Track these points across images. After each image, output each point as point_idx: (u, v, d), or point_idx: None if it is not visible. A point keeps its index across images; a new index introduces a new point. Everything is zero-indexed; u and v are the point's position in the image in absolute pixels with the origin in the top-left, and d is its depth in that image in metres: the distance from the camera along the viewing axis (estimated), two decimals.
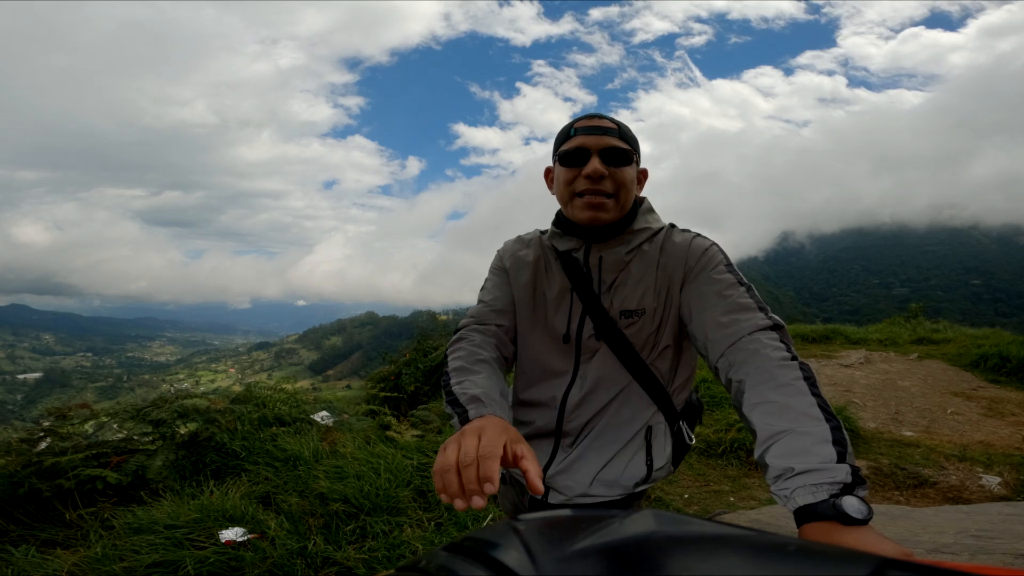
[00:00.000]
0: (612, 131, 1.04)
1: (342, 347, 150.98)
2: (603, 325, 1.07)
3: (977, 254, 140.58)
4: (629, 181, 1.05)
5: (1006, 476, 3.45)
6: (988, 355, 6.60)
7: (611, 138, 1.03)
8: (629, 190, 1.05)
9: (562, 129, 1.11)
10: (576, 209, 1.05)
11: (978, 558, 1.09)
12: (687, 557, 0.30)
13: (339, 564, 2.10)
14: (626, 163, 1.04)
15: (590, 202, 1.02)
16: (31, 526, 2.55)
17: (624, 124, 1.07)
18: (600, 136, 1.03)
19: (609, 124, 1.05)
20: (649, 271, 1.07)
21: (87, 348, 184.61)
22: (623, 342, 1.07)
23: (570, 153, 1.04)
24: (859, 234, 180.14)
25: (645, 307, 1.06)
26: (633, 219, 1.09)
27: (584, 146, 1.03)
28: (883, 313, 20.71)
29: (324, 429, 3.69)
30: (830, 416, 0.76)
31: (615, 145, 1.03)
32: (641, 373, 1.08)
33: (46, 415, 3.32)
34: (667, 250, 1.07)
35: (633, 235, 1.08)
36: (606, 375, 1.08)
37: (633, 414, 1.09)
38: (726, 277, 1.01)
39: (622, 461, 1.08)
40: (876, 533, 0.64)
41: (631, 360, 1.08)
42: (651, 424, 1.10)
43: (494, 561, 0.32)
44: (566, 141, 1.06)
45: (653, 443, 1.10)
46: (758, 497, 3.21)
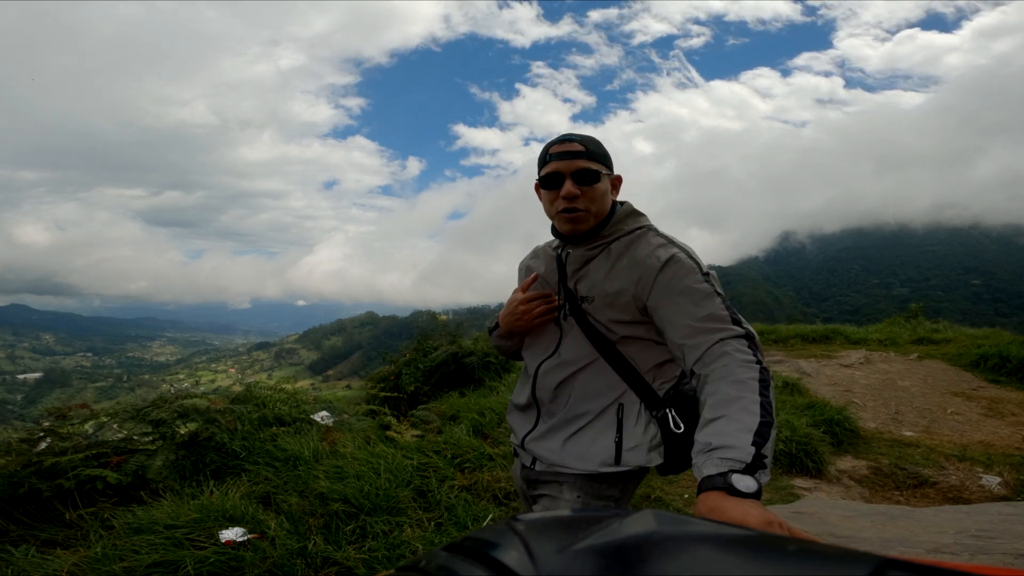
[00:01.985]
0: (581, 154, 1.22)
1: (342, 347, 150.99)
2: (570, 305, 1.29)
3: (977, 254, 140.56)
4: (600, 195, 1.23)
5: (1006, 476, 3.45)
6: (988, 355, 6.60)
7: (581, 161, 1.21)
8: (602, 202, 1.24)
9: (540, 154, 1.30)
10: (559, 223, 1.27)
11: (978, 558, 1.09)
12: (687, 557, 0.30)
13: (339, 564, 2.10)
14: (595, 181, 1.22)
15: (568, 217, 1.23)
16: (31, 526, 2.55)
17: (593, 141, 1.25)
18: (571, 160, 1.21)
19: (578, 147, 1.22)
20: (606, 266, 1.24)
21: (87, 348, 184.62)
22: (585, 321, 1.26)
23: (548, 178, 1.24)
24: (859, 234, 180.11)
25: (595, 295, 1.25)
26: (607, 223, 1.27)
27: (558, 171, 1.22)
28: (883, 313, 20.72)
29: (324, 429, 3.69)
30: (767, 415, 0.91)
31: (584, 167, 1.21)
32: (607, 351, 1.24)
33: (46, 415, 3.32)
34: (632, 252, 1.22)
35: (602, 237, 1.26)
36: (575, 349, 1.27)
37: (601, 389, 1.24)
38: (702, 287, 1.13)
39: (590, 433, 1.22)
40: (759, 506, 0.79)
41: (595, 337, 1.25)
42: (622, 402, 1.22)
43: (494, 561, 0.32)
44: (544, 166, 1.26)
45: (624, 421, 1.21)
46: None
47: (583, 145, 1.24)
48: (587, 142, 1.24)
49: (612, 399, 1.23)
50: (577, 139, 1.25)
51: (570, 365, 1.26)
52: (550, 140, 1.30)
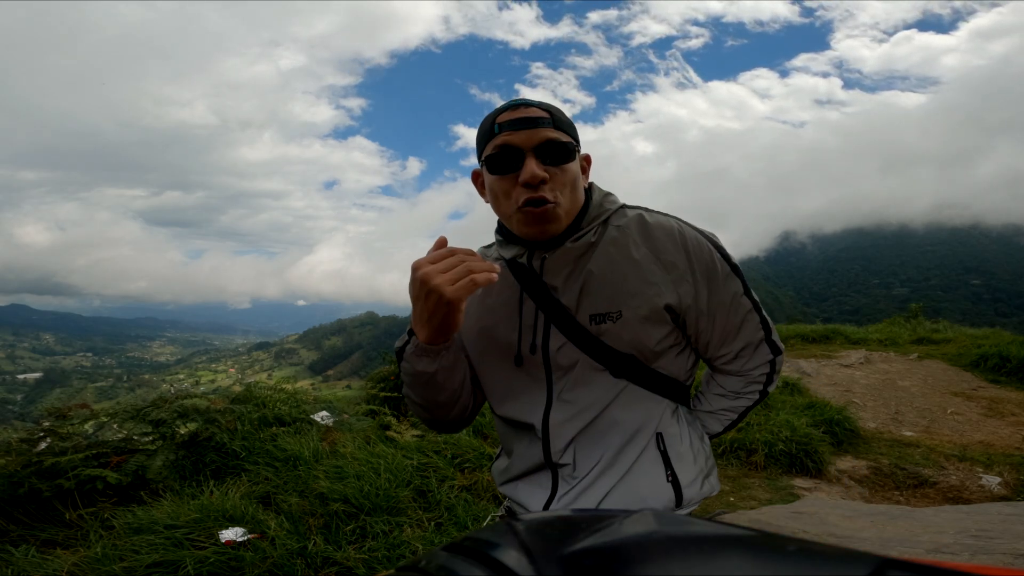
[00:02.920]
0: (544, 120, 0.85)
1: (342, 347, 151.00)
2: (575, 334, 0.91)
3: (977, 254, 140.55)
4: (574, 178, 0.88)
5: (1006, 476, 3.45)
6: (988, 355, 6.60)
7: (545, 130, 0.84)
8: (576, 188, 0.88)
9: (482, 124, 0.89)
10: (519, 224, 0.88)
11: (978, 558, 1.09)
12: (687, 557, 0.30)
13: (339, 564, 2.10)
14: (568, 158, 0.86)
15: (533, 214, 0.85)
16: (31, 526, 2.55)
17: (555, 107, 0.89)
18: (532, 130, 0.84)
19: (539, 112, 0.86)
20: (620, 264, 0.90)
21: (87, 348, 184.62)
22: (605, 351, 0.90)
23: (498, 156, 0.85)
24: (859, 234, 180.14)
25: (621, 307, 0.89)
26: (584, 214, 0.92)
27: (513, 144, 0.84)
28: (883, 313, 20.73)
29: (324, 429, 3.68)
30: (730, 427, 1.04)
31: (551, 138, 0.84)
32: (639, 374, 0.93)
33: (46, 415, 3.32)
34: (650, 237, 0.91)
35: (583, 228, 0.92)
36: (591, 390, 0.93)
37: (636, 422, 0.93)
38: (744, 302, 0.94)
39: (636, 479, 0.92)
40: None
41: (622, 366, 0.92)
42: (660, 431, 0.94)
43: (494, 561, 0.32)
44: (490, 140, 0.87)
45: (670, 453, 0.93)
46: (758, 497, 3.21)
47: (545, 109, 0.87)
48: (549, 107, 0.88)
49: (651, 431, 0.94)
50: (535, 103, 0.87)
51: (590, 409, 0.93)
52: (496, 108, 0.89)
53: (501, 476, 1.06)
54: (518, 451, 1.01)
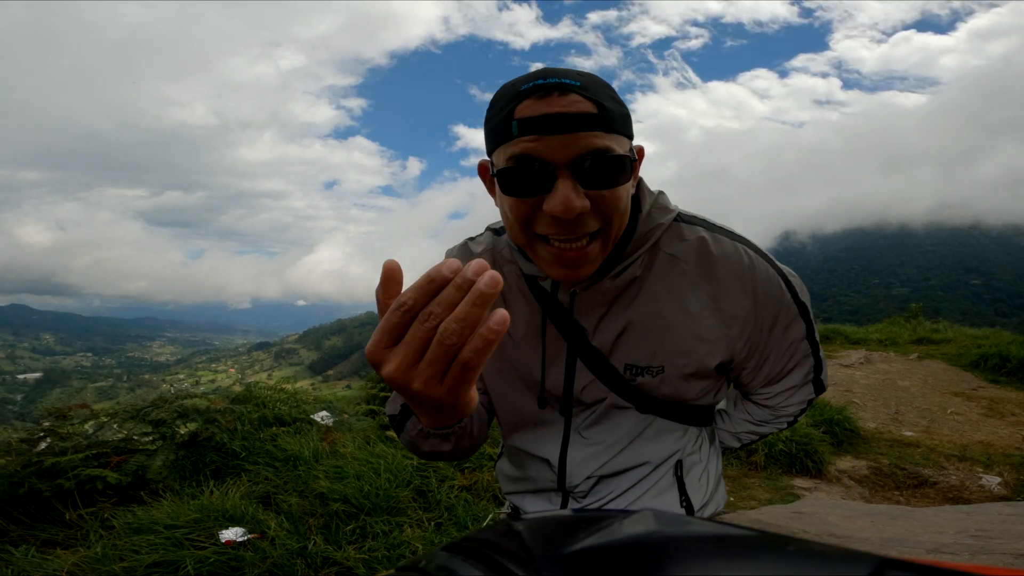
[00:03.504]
0: (589, 119, 0.58)
1: (342, 347, 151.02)
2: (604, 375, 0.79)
3: (977, 254, 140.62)
4: (624, 201, 0.64)
5: (1006, 476, 3.45)
6: (988, 355, 6.60)
7: (589, 136, 0.58)
8: (624, 212, 0.65)
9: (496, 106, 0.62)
10: (541, 261, 0.67)
11: (978, 558, 1.09)
12: (687, 557, 0.30)
13: (339, 564, 2.10)
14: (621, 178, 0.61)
15: (561, 258, 0.64)
16: (31, 526, 2.55)
17: (602, 86, 0.62)
18: (569, 136, 0.58)
19: (582, 104, 0.58)
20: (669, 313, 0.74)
21: (87, 348, 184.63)
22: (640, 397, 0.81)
23: (517, 172, 0.60)
24: (860, 234, 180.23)
25: (664, 364, 0.76)
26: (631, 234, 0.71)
27: (538, 156, 0.58)
28: (883, 313, 20.72)
29: (324, 429, 3.68)
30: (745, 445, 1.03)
31: (599, 147, 0.58)
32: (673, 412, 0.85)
33: (46, 415, 3.32)
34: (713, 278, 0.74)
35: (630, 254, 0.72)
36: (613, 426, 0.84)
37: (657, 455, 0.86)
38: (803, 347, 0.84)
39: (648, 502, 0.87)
40: None
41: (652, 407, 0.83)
42: (681, 458, 0.87)
43: (494, 561, 0.32)
44: (506, 142, 0.61)
45: (686, 479, 0.87)
46: (758, 497, 3.21)
47: (589, 97, 0.59)
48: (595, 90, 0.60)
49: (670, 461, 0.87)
50: (576, 85, 0.59)
51: (614, 446, 0.84)
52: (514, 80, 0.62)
53: (509, 485, 0.98)
54: (526, 471, 0.93)
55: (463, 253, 0.86)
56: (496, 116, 0.62)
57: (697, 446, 0.91)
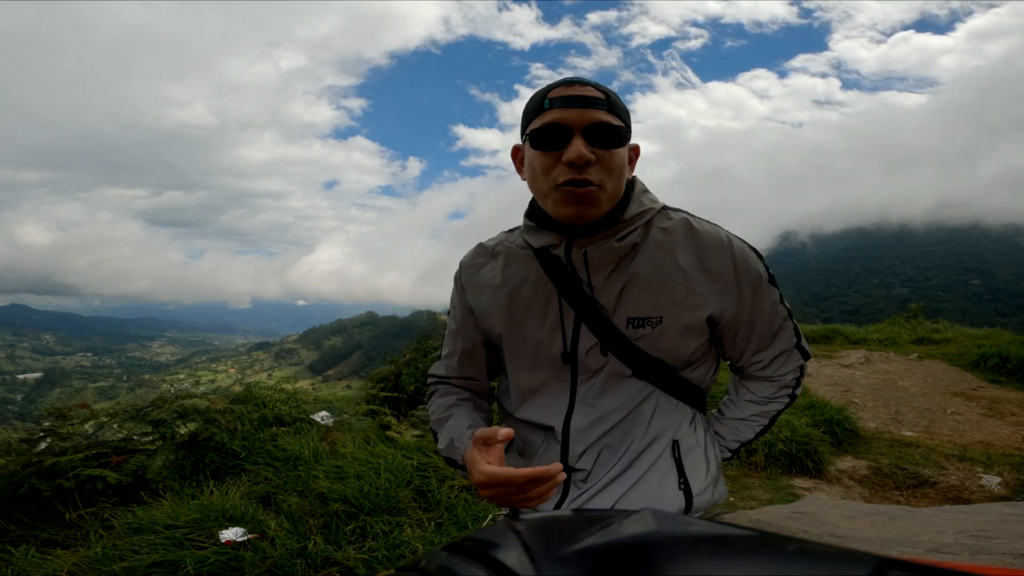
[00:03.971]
0: (599, 101, 0.81)
1: (342, 347, 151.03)
2: (608, 336, 0.88)
3: (977, 254, 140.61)
4: (621, 165, 0.83)
5: (1006, 476, 3.45)
6: (988, 355, 6.61)
7: (598, 111, 0.80)
8: (621, 176, 0.84)
9: (532, 98, 0.85)
10: (556, 203, 0.83)
11: (978, 558, 1.09)
12: (687, 557, 0.30)
13: (339, 564, 2.10)
14: (618, 143, 0.82)
15: (573, 193, 0.81)
16: (31, 526, 2.55)
17: (611, 90, 0.84)
18: (584, 109, 0.80)
19: (594, 92, 0.81)
20: (665, 270, 0.87)
21: (87, 348, 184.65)
22: (637, 355, 0.89)
23: (545, 132, 0.81)
24: (860, 234, 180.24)
25: (663, 314, 0.87)
26: (626, 206, 0.87)
27: (563, 122, 0.80)
28: (883, 313, 20.71)
29: (324, 429, 3.68)
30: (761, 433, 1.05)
31: (604, 121, 0.80)
32: (668, 382, 0.92)
33: (46, 415, 3.32)
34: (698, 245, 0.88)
35: (626, 224, 0.87)
36: (616, 395, 0.91)
37: (654, 431, 0.93)
38: (780, 310, 0.96)
39: (649, 484, 0.91)
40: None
41: (652, 372, 0.90)
42: (677, 438, 0.94)
43: (494, 561, 0.32)
44: (539, 115, 0.83)
45: (684, 461, 0.93)
46: (758, 497, 3.21)
47: (601, 90, 0.82)
48: (606, 90, 0.83)
49: (667, 440, 0.93)
50: (592, 82, 0.83)
51: (613, 414, 0.92)
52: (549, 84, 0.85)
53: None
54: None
55: (479, 252, 1.02)
56: (533, 100, 0.85)
57: (692, 429, 0.97)
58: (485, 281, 0.99)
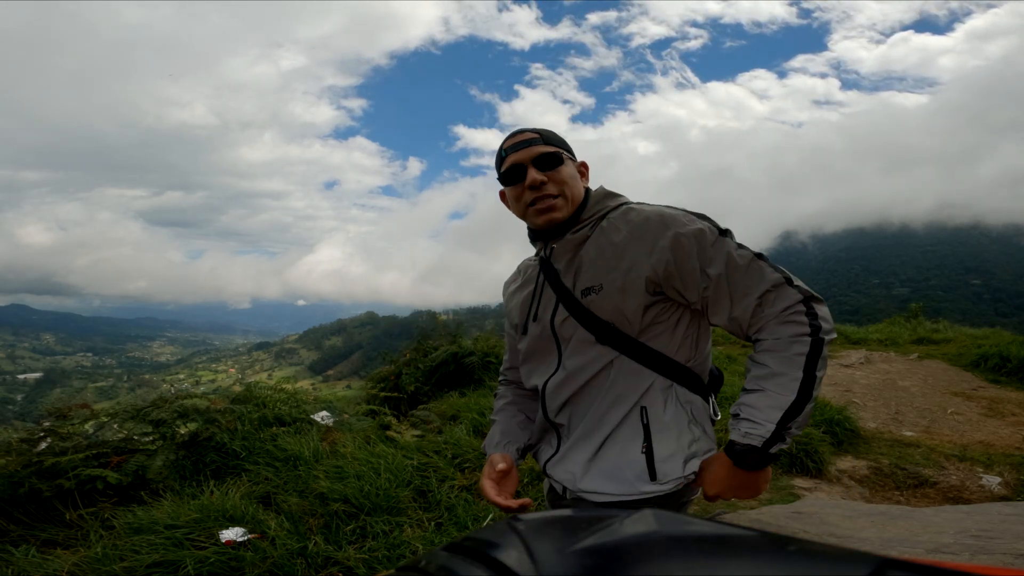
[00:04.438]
0: (536, 140, 1.14)
1: (342, 347, 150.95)
2: (570, 306, 1.12)
3: (977, 254, 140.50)
4: (569, 178, 1.13)
5: (1006, 476, 3.45)
6: (988, 355, 6.60)
7: (537, 147, 1.13)
8: (572, 185, 1.13)
9: (497, 155, 1.21)
10: (532, 218, 1.15)
11: (978, 558, 1.09)
12: (687, 557, 0.30)
13: (339, 564, 2.10)
14: (558, 163, 1.13)
15: (540, 208, 1.12)
16: (31, 526, 2.55)
17: (546, 130, 1.17)
18: (527, 148, 1.13)
19: (531, 135, 1.14)
20: (606, 242, 1.08)
21: (87, 348, 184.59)
22: (591, 318, 1.08)
23: (509, 172, 1.14)
24: (860, 234, 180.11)
25: (602, 283, 1.07)
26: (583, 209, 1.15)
27: (517, 162, 1.13)
28: (883, 313, 20.69)
29: (324, 429, 3.69)
30: (804, 393, 0.94)
31: (543, 152, 1.12)
32: (628, 347, 1.06)
33: (46, 415, 3.32)
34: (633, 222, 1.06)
35: (582, 223, 1.13)
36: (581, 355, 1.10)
37: (622, 392, 1.06)
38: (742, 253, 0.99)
39: (615, 447, 1.05)
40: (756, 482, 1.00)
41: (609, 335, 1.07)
42: (645, 404, 1.04)
43: (494, 561, 0.32)
44: (502, 163, 1.16)
45: (652, 427, 1.03)
46: (758, 497, 3.21)
47: (536, 132, 1.16)
48: (540, 131, 1.16)
49: (632, 402, 1.05)
50: (529, 129, 1.17)
51: (580, 375, 1.09)
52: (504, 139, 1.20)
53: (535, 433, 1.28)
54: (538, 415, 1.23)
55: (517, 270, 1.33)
56: (497, 155, 1.19)
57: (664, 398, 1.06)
58: (510, 290, 1.32)
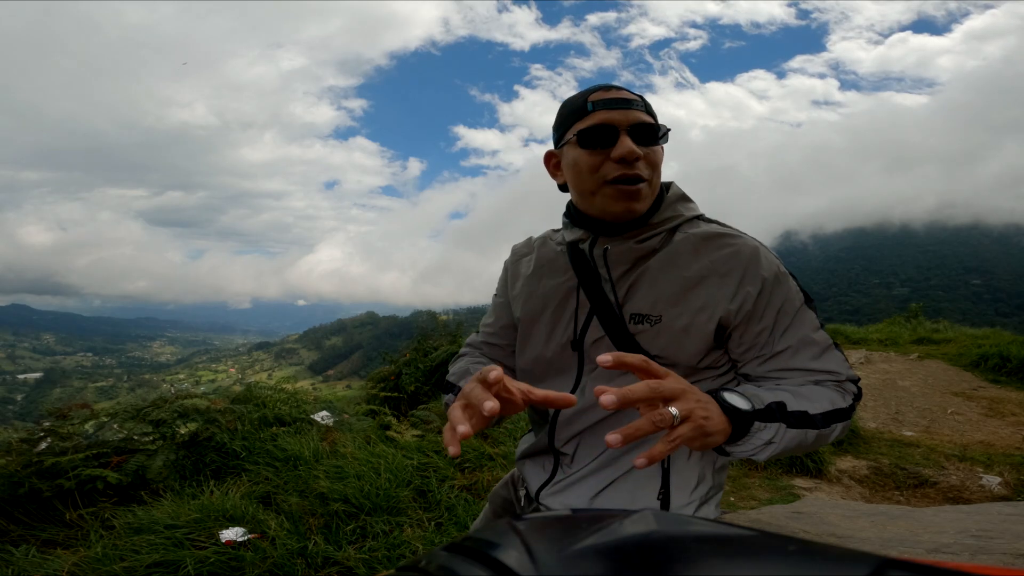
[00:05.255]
0: (637, 103, 0.88)
1: (342, 347, 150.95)
2: (611, 326, 0.90)
3: (978, 254, 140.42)
4: (660, 161, 0.90)
5: (1006, 476, 3.45)
6: (988, 355, 6.60)
7: (638, 112, 0.87)
8: (660, 172, 0.91)
9: (571, 102, 0.91)
10: (607, 200, 0.88)
11: (978, 558, 1.09)
12: (687, 557, 0.30)
13: (339, 564, 2.10)
14: (656, 140, 0.88)
15: (625, 191, 0.86)
16: (31, 526, 2.55)
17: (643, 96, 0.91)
18: (627, 110, 0.86)
19: (633, 95, 0.88)
20: (674, 274, 0.89)
21: (87, 348, 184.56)
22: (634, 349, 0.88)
23: (593, 132, 0.86)
24: (860, 234, 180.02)
25: (662, 314, 0.88)
26: (657, 208, 0.92)
27: (610, 122, 0.86)
28: (883, 313, 20.71)
29: (324, 429, 3.69)
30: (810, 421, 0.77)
31: (645, 120, 0.87)
32: None
33: (46, 415, 3.32)
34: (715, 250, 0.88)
35: (651, 227, 0.91)
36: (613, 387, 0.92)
37: None
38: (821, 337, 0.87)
39: (625, 488, 0.90)
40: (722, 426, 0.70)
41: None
42: None
43: (494, 561, 0.32)
44: (583, 117, 0.88)
45: (672, 471, 0.89)
46: (758, 497, 3.21)
47: (637, 95, 0.89)
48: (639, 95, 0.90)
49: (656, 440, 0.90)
50: (627, 88, 0.90)
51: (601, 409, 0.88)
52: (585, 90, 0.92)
53: (520, 449, 1.10)
54: (536, 430, 1.06)
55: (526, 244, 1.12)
56: (572, 104, 0.91)
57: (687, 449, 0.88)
58: (521, 270, 1.08)
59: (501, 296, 1.12)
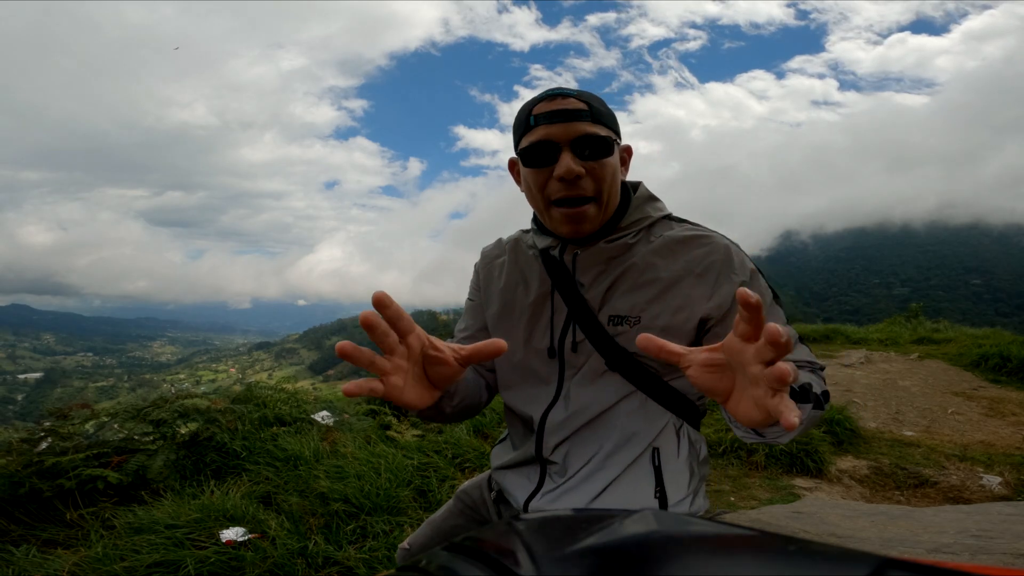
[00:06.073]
0: (582, 113, 0.82)
1: None
2: (591, 331, 0.90)
3: (978, 254, 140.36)
4: (612, 174, 0.85)
5: (1007, 476, 3.45)
6: (989, 355, 6.59)
7: (582, 123, 0.82)
8: (613, 183, 0.86)
9: (519, 113, 0.88)
10: (553, 221, 0.88)
11: (978, 558, 1.09)
12: (687, 557, 0.30)
13: (340, 564, 2.10)
14: (606, 152, 0.83)
15: (568, 214, 0.85)
16: (32, 526, 2.55)
17: (594, 97, 0.85)
18: (568, 123, 0.81)
19: (577, 104, 0.82)
20: (650, 275, 0.88)
21: (88, 348, 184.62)
22: (615, 350, 0.88)
23: (534, 149, 0.84)
24: (860, 233, 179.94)
25: (640, 315, 0.88)
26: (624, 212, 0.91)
27: (550, 138, 0.82)
28: (884, 313, 20.67)
29: (325, 429, 3.69)
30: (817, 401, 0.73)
31: (589, 132, 0.82)
32: (649, 386, 0.90)
33: (47, 415, 3.32)
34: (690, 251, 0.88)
35: (620, 231, 0.91)
36: (595, 391, 0.91)
37: (635, 432, 0.91)
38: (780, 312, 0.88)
39: (620, 492, 0.89)
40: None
41: (632, 371, 0.89)
42: (658, 445, 0.91)
43: (494, 561, 0.32)
44: (526, 133, 0.85)
45: (664, 468, 0.90)
46: (758, 497, 3.21)
47: (583, 101, 0.83)
48: (587, 97, 0.84)
49: (646, 442, 0.91)
50: (573, 93, 0.84)
51: (588, 409, 0.92)
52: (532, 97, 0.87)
53: (497, 460, 1.07)
54: (516, 440, 1.03)
55: (497, 246, 1.09)
56: (519, 116, 0.88)
57: (677, 439, 0.92)
58: (494, 272, 1.05)
59: (474, 299, 1.09)
